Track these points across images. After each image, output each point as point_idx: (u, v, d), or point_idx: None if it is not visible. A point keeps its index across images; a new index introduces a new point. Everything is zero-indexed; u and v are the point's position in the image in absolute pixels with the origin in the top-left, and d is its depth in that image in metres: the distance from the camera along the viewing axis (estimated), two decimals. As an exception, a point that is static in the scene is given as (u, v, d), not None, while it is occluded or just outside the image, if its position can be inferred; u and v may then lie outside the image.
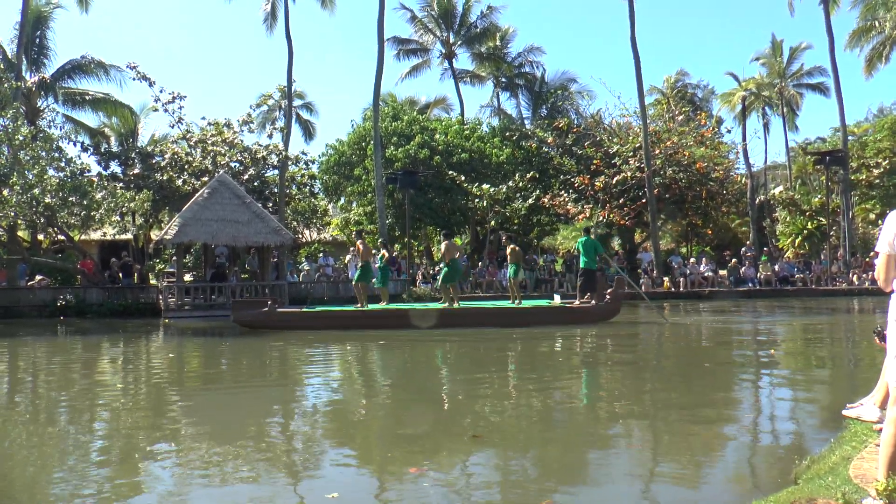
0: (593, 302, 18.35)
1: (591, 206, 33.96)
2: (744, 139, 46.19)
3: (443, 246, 19.16)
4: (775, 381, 10.25)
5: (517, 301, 19.40)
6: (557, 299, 20.91)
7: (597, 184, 34.12)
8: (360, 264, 19.67)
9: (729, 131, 45.59)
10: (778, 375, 10.71)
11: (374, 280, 20.02)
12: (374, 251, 23.74)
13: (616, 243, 38.45)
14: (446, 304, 18.72)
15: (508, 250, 20.35)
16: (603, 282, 20.25)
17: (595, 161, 34.76)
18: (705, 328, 18.60)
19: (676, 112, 38.92)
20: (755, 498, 4.50)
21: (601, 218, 33.52)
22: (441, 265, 21.64)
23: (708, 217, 35.97)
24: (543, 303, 20.48)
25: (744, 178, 40.39)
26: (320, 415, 8.44)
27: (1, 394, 10.45)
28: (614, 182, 33.90)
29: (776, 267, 31.73)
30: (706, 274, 30.77)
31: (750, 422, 7.72)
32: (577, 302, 19.04)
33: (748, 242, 39.28)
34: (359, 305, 18.93)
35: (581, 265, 19.16)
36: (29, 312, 23.83)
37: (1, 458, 6.57)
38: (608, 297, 18.34)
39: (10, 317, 23.00)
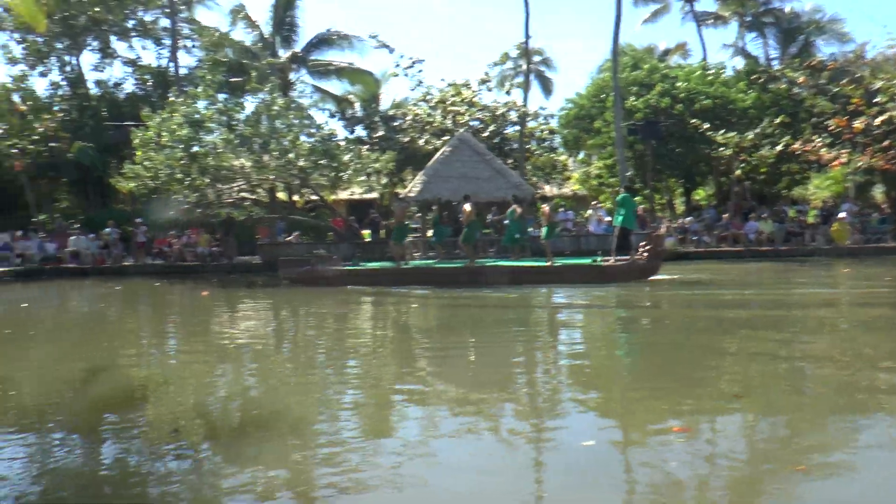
0: (629, 259, 17.76)
1: (848, 150, 31.44)
2: None
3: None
4: None
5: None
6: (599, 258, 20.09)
7: (856, 126, 31.41)
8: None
9: None
10: None
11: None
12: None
13: (878, 192, 35.42)
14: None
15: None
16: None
17: (854, 100, 32.03)
18: None
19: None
20: None
21: (860, 164, 31.02)
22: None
23: None
24: (586, 261, 19.50)
25: None
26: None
27: (269, 338, 11.81)
28: (877, 123, 31.04)
29: None
30: None
31: None
32: (611, 260, 18.30)
33: None
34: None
35: (617, 223, 18.33)
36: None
37: (269, 393, 7.46)
38: (646, 253, 17.56)
39: (271, 269, 25.61)
